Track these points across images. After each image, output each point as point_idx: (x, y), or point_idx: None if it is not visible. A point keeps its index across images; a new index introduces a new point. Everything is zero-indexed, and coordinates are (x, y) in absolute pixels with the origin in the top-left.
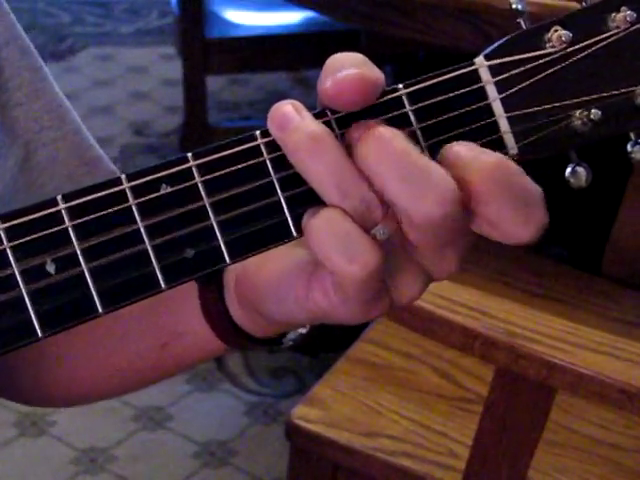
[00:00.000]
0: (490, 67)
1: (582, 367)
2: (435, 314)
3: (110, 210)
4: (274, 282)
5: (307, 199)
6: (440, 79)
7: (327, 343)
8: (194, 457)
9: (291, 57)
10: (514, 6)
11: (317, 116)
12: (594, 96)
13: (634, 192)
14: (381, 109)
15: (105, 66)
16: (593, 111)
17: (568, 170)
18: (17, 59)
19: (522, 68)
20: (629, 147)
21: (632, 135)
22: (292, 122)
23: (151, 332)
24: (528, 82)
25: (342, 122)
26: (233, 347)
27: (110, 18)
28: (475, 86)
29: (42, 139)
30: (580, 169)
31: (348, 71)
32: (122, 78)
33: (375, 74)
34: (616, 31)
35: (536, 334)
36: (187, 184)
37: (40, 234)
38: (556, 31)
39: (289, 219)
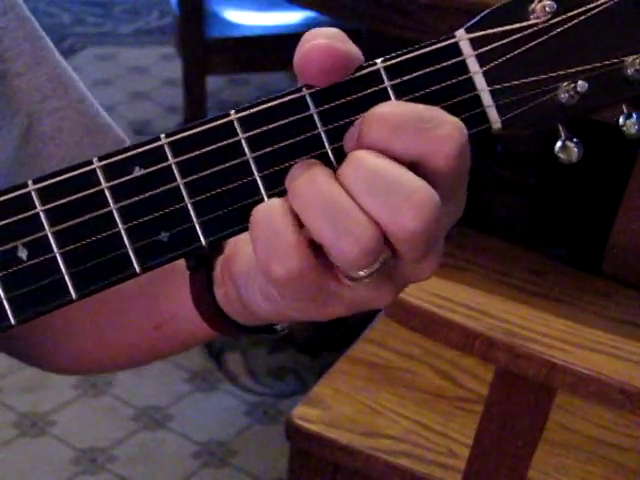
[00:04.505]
0: (471, 40)
1: (582, 367)
2: (435, 314)
3: (82, 194)
4: (244, 273)
5: (283, 178)
6: (420, 52)
7: (327, 343)
8: (194, 457)
9: (291, 57)
10: None
11: (293, 93)
12: (580, 68)
13: (634, 192)
14: (359, 84)
15: (105, 66)
16: (580, 83)
17: (558, 145)
18: (16, 28)
19: (505, 40)
20: (621, 120)
21: (624, 108)
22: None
23: (146, 314)
24: (511, 54)
25: (319, 98)
26: (222, 334)
27: (110, 18)
28: (455, 60)
29: (46, 108)
30: (570, 144)
31: (316, 41)
32: (122, 78)
33: (347, 46)
34: (603, 0)
35: (536, 334)
36: (160, 165)
37: (11, 219)
38: (540, 1)
39: (265, 198)
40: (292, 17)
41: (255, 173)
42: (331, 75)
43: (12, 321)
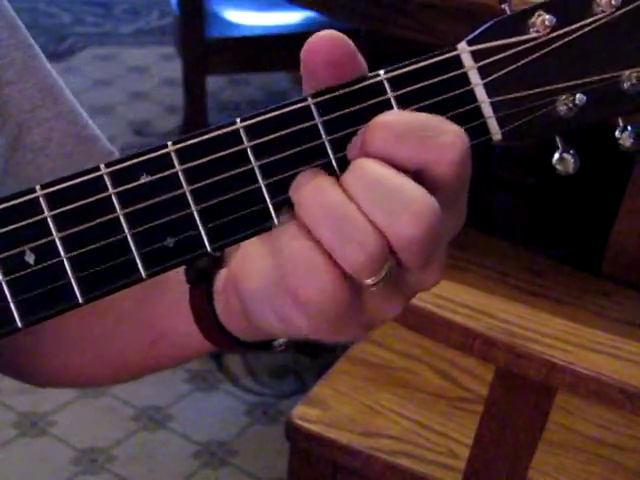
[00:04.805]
0: (473, 52)
1: (582, 367)
2: (435, 314)
3: (90, 199)
4: (256, 295)
5: (288, 186)
6: (422, 64)
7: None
8: (194, 457)
9: (291, 57)
10: None
11: (299, 102)
12: (579, 81)
13: (634, 192)
14: (362, 95)
15: (105, 66)
16: (578, 96)
17: (555, 157)
18: (7, 37)
19: (505, 53)
20: (617, 133)
21: (620, 121)
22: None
23: (142, 329)
24: (512, 67)
25: (324, 108)
26: (222, 348)
27: (110, 18)
28: (457, 72)
29: (36, 118)
30: (567, 156)
31: (320, 33)
32: (122, 78)
33: (353, 45)
34: (601, 15)
35: (536, 334)
36: (167, 173)
37: (19, 224)
38: (540, 16)
39: (270, 206)
40: (292, 17)
41: (260, 181)
42: (336, 69)
43: (19, 324)
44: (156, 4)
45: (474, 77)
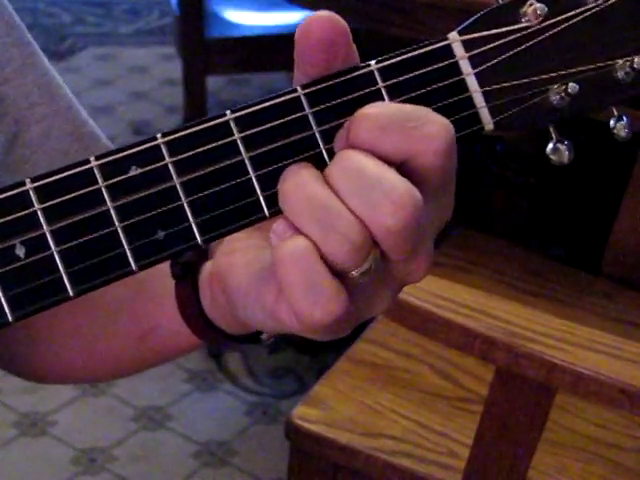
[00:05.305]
0: (464, 42)
1: (582, 367)
2: (435, 314)
3: (79, 192)
4: (242, 289)
5: (278, 178)
6: (413, 54)
7: (327, 343)
8: (194, 457)
9: (291, 57)
10: None
11: (289, 93)
12: (571, 70)
13: (634, 192)
14: (353, 85)
15: (105, 66)
16: (570, 85)
17: (549, 147)
18: (4, 35)
19: (497, 43)
20: (612, 123)
21: (615, 111)
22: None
23: (130, 324)
24: (503, 57)
25: (314, 99)
26: (209, 343)
27: (110, 18)
28: (448, 61)
29: (34, 115)
30: (562, 146)
31: (317, 12)
32: (122, 78)
33: (344, 23)
34: (593, 4)
35: (536, 334)
36: (156, 165)
37: (9, 218)
38: (531, 5)
39: (260, 198)
40: (292, 17)
41: (250, 173)
42: (328, 50)
43: (9, 318)
44: (156, 4)
45: (465, 67)
